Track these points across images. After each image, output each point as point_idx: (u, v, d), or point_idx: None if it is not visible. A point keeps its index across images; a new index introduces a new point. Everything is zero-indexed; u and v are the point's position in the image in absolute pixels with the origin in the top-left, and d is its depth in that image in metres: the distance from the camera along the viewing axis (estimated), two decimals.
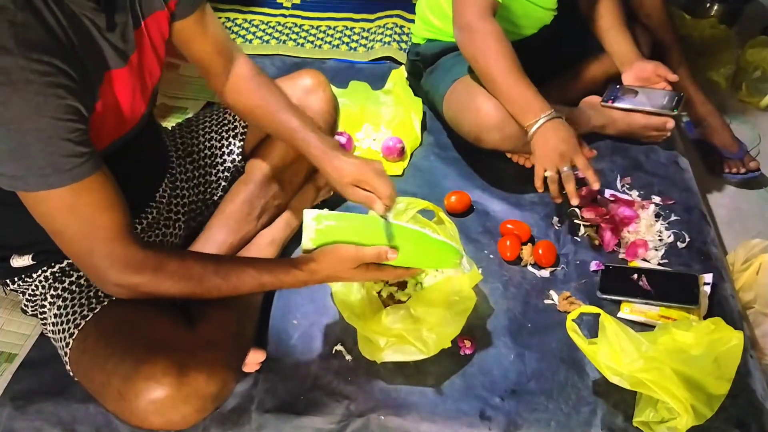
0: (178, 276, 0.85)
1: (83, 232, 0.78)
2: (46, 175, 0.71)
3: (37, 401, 1.02)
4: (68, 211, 0.76)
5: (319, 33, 1.99)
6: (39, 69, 0.67)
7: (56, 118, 0.69)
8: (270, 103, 1.05)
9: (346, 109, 1.53)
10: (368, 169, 0.97)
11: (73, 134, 0.71)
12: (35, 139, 0.69)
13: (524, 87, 1.21)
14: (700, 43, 1.94)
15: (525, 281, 1.21)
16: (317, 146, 1.01)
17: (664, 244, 1.27)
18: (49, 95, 0.68)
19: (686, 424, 0.90)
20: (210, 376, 0.84)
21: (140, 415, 0.81)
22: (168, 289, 0.86)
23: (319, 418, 1.00)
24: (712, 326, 0.97)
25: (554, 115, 1.21)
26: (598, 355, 0.95)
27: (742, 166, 1.63)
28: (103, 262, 0.81)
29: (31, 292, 0.99)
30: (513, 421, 1.00)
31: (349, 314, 1.03)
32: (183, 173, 1.14)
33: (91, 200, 0.76)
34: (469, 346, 1.08)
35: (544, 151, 1.20)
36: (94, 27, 0.78)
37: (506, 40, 1.22)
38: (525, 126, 1.22)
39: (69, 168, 0.72)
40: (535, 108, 1.21)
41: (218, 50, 1.04)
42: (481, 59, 1.23)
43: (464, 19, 1.24)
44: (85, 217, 0.77)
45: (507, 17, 1.32)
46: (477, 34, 1.22)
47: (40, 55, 0.67)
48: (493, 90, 1.25)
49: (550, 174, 1.21)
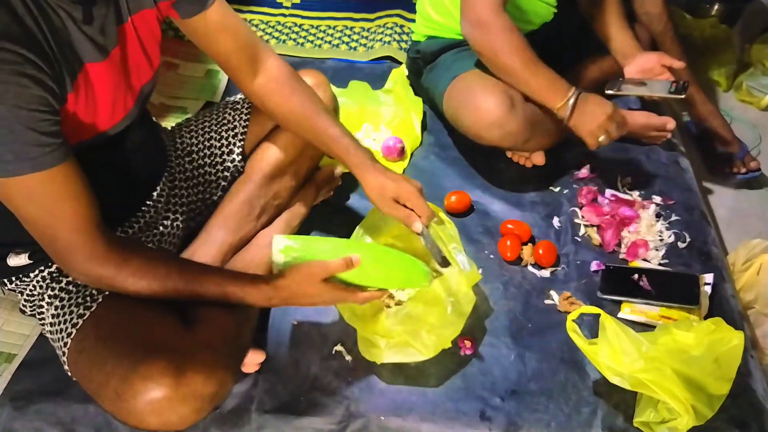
0: (141, 273, 0.86)
1: (45, 220, 0.79)
2: (7, 161, 0.71)
3: (37, 401, 1.02)
4: (29, 199, 0.76)
5: (318, 32, 1.99)
6: (3, 57, 0.67)
7: (18, 106, 0.69)
8: (306, 109, 1.05)
9: (345, 108, 1.53)
10: (410, 188, 1.00)
11: (37, 123, 0.71)
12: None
13: (546, 73, 1.24)
14: (700, 42, 1.94)
15: (525, 281, 1.21)
16: (357, 155, 1.03)
17: (665, 244, 1.27)
18: (11, 83, 0.68)
19: (687, 424, 0.90)
20: (208, 377, 0.84)
21: (138, 416, 0.81)
22: (130, 286, 0.87)
23: (318, 418, 1.00)
24: (713, 326, 0.97)
25: (578, 91, 1.24)
26: (598, 356, 0.95)
27: (742, 166, 1.63)
28: (66, 250, 0.82)
29: (29, 292, 0.99)
30: (513, 421, 0.99)
31: (350, 315, 1.03)
32: (182, 173, 1.14)
33: (54, 190, 0.76)
34: (469, 347, 1.08)
35: (590, 121, 1.24)
36: (70, 19, 0.77)
37: (520, 32, 1.23)
38: (556, 108, 1.24)
39: (32, 157, 0.72)
40: (562, 89, 1.24)
41: (240, 47, 1.03)
42: (501, 54, 1.22)
43: (476, 14, 1.22)
44: (46, 206, 0.77)
45: (511, 12, 1.32)
46: (492, 30, 1.21)
47: (3, 43, 0.67)
48: (514, 82, 1.25)
49: (603, 139, 1.26)
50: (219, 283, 0.91)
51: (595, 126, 1.25)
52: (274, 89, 1.06)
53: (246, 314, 1.03)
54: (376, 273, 0.97)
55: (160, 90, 1.68)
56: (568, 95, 1.23)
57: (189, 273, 0.90)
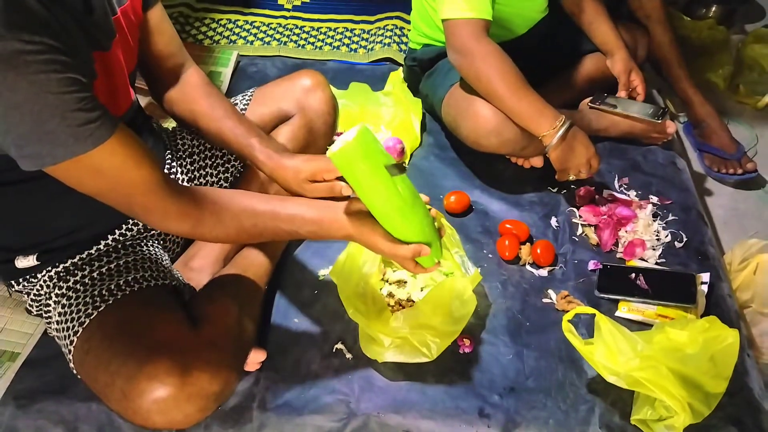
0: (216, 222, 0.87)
1: (117, 190, 0.80)
2: (69, 145, 0.72)
3: (40, 400, 1.02)
4: (98, 175, 0.77)
5: (319, 34, 2.00)
6: (33, 49, 0.68)
7: (62, 92, 0.70)
8: (216, 110, 1.07)
9: (346, 110, 1.54)
10: (322, 162, 0.99)
11: (81, 103, 0.72)
12: (49, 115, 0.70)
13: (532, 99, 1.22)
14: (698, 44, 1.95)
15: (524, 280, 1.22)
16: (263, 152, 1.02)
17: (662, 244, 1.28)
18: (49, 71, 0.69)
19: (683, 422, 0.91)
20: (213, 376, 0.85)
21: (143, 415, 0.82)
22: (208, 234, 0.88)
23: (319, 416, 1.01)
24: (707, 325, 0.97)
25: (568, 122, 1.24)
26: (594, 355, 0.96)
27: (739, 166, 1.63)
28: (144, 213, 0.84)
29: (36, 292, 1.00)
30: (511, 418, 1.00)
31: (354, 311, 1.03)
32: (183, 173, 1.15)
33: (117, 160, 0.77)
34: (468, 345, 1.09)
35: (572, 160, 1.28)
36: (74, 10, 0.79)
37: (505, 56, 1.22)
38: (541, 136, 1.24)
39: (89, 134, 0.73)
40: (548, 117, 1.23)
41: (171, 52, 1.05)
42: (484, 80, 1.22)
43: (458, 42, 1.22)
44: (115, 176, 0.78)
45: (498, 20, 1.33)
46: (476, 56, 1.21)
47: (31, 35, 0.68)
48: (501, 107, 1.24)
49: (573, 177, 1.33)
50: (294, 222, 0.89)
51: (574, 164, 1.28)
52: (189, 93, 1.08)
53: (249, 312, 1.04)
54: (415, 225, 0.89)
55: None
56: (556, 124, 1.22)
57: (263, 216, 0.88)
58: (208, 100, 1.08)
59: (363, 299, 1.07)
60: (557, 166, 1.29)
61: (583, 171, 1.30)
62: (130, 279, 0.95)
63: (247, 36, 1.98)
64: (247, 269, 1.11)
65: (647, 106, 1.47)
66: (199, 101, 1.07)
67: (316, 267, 1.24)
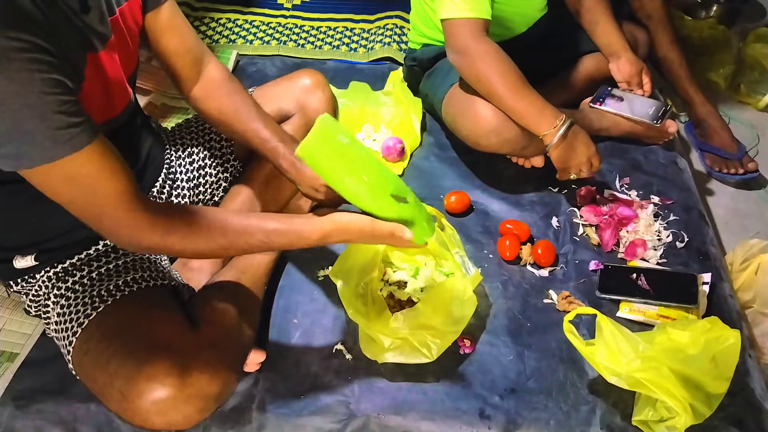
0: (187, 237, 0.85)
1: (89, 200, 0.79)
2: (47, 148, 0.72)
3: (39, 400, 1.02)
4: (72, 182, 0.76)
5: (319, 34, 2.00)
6: (17, 46, 0.67)
7: (44, 92, 0.69)
8: (241, 111, 1.05)
9: (346, 109, 1.54)
10: None
11: (63, 106, 0.71)
12: (28, 115, 0.69)
13: (532, 98, 1.21)
14: (699, 43, 1.95)
15: (524, 281, 1.22)
16: (286, 158, 1.01)
17: (663, 244, 1.28)
18: (33, 71, 0.68)
19: (685, 423, 0.90)
20: (212, 377, 0.85)
21: (142, 416, 0.82)
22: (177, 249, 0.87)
23: (319, 417, 1.01)
24: (708, 325, 0.97)
25: (569, 121, 1.23)
26: (595, 356, 0.95)
27: (740, 166, 1.63)
28: (113, 226, 0.81)
29: (34, 293, 0.99)
30: (512, 419, 1.00)
31: (353, 312, 1.03)
32: (183, 173, 1.15)
33: (93, 169, 0.76)
34: (468, 345, 1.09)
35: (573, 159, 1.27)
36: (69, 9, 0.78)
37: (505, 56, 1.21)
38: (541, 135, 1.23)
39: (68, 138, 0.72)
40: (549, 116, 1.22)
41: (187, 48, 1.03)
42: (483, 80, 1.21)
43: (458, 42, 1.22)
44: (89, 185, 0.77)
45: (498, 19, 1.33)
46: (475, 56, 1.20)
47: (18, 33, 0.67)
48: (501, 107, 1.24)
49: (574, 176, 1.31)
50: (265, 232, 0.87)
51: (575, 163, 1.28)
52: (212, 91, 1.06)
53: (248, 313, 1.04)
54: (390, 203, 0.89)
55: (161, 91, 1.68)
56: (556, 123, 1.21)
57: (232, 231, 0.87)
58: (232, 99, 1.06)
59: (363, 300, 1.07)
60: (558, 165, 1.29)
61: (584, 170, 1.29)
62: (129, 279, 0.95)
63: (246, 35, 1.98)
64: (246, 270, 1.10)
65: (650, 104, 1.45)
66: (223, 100, 1.06)
67: (316, 267, 1.23)
